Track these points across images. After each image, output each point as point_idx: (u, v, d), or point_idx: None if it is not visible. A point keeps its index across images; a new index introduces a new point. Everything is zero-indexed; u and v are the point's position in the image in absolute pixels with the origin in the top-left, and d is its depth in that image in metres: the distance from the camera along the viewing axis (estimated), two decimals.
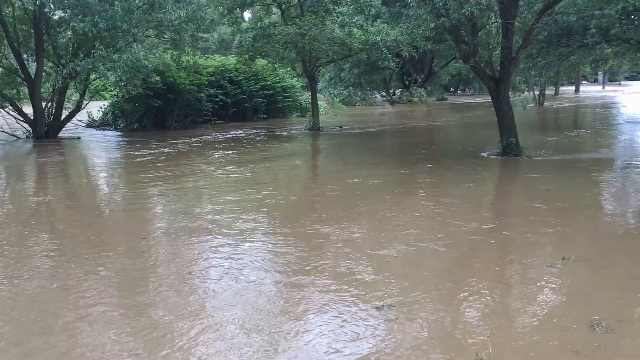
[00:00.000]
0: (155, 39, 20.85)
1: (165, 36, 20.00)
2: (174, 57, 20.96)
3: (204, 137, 18.87)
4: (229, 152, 15.53)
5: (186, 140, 18.00)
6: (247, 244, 6.47)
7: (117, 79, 18.70)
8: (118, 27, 15.95)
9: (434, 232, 6.83)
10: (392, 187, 10.10)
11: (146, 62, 17.53)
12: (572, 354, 3.84)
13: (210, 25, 21.21)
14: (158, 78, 19.89)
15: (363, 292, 4.90)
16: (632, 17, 17.55)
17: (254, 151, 15.66)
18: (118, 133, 21.34)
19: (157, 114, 22.11)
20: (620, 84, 73.28)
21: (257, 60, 22.32)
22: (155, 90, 20.53)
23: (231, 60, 25.80)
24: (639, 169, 11.92)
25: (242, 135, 19.81)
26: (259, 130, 21.28)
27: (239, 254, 6.09)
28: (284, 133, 20.84)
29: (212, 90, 23.54)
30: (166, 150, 15.66)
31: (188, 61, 21.73)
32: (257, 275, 5.40)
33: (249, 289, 5.06)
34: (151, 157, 14.27)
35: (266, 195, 9.36)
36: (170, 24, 17.93)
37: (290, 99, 28.20)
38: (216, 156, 14.78)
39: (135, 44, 17.47)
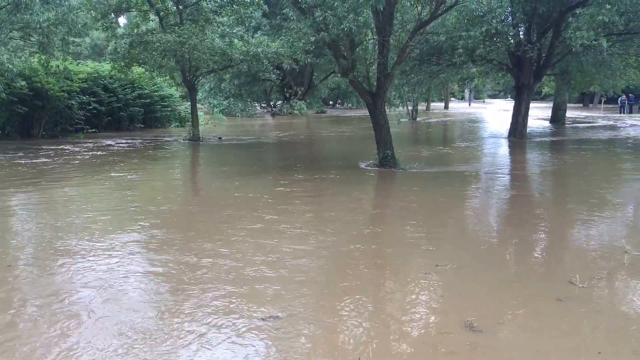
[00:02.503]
0: (21, 42, 19.50)
1: (32, 39, 18.77)
2: (42, 61, 19.72)
3: (70, 147, 17.84)
4: (99, 163, 14.78)
5: (47, 151, 16.93)
6: (122, 260, 6.19)
7: None
8: None
9: (314, 243, 6.92)
10: (272, 199, 10.11)
11: (10, 66, 16.37)
12: (449, 353, 4.04)
13: (83, 30, 20.13)
14: (24, 83, 18.60)
15: (246, 305, 4.85)
16: (495, 39, 19.04)
17: (128, 162, 15.04)
18: None
19: (23, 121, 20.64)
20: (484, 102, 78.75)
21: (133, 67, 21.53)
22: (20, 96, 19.17)
23: (105, 66, 24.71)
24: (503, 181, 12.86)
25: (115, 145, 18.98)
26: (135, 140, 20.51)
27: (113, 269, 5.81)
28: (162, 143, 20.24)
29: (84, 97, 22.48)
30: (23, 161, 14.58)
31: (58, 66, 20.52)
32: (135, 291, 5.18)
33: (126, 306, 4.83)
34: None
35: (141, 210, 9.02)
36: (38, 26, 16.86)
37: (168, 109, 27.53)
38: (84, 167, 14.01)
39: None
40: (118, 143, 19.43)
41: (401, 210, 9.21)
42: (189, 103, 22.13)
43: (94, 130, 22.79)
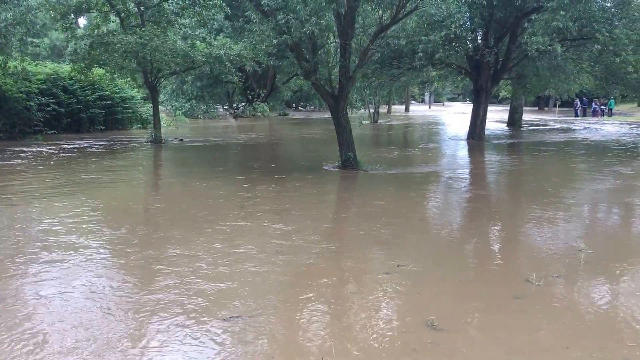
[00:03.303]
0: None
1: None
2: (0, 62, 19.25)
3: (29, 149, 17.46)
4: (56, 165, 14.50)
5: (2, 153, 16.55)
6: (84, 265, 6.13)
7: None
8: None
9: (276, 245, 6.96)
10: (234, 201, 10.11)
11: None
12: (410, 351, 4.15)
13: (42, 30, 19.74)
14: None
15: (208, 306, 4.89)
16: (454, 43, 19.44)
17: (87, 164, 14.79)
18: None
19: None
20: (444, 104, 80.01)
21: (94, 69, 21.19)
22: None
23: (65, 68, 24.25)
24: (462, 182, 13.14)
25: (75, 147, 18.63)
26: (95, 142, 20.17)
27: (75, 276, 5.75)
28: (124, 145, 19.96)
29: (43, 99, 22.00)
30: None
31: (16, 67, 20.04)
32: (94, 291, 5.15)
33: (90, 310, 4.81)
34: None
35: (102, 214, 8.93)
36: None
37: (130, 110, 27.16)
38: (40, 170, 13.72)
39: None
40: (77, 145, 19.07)
41: (363, 211, 9.33)
42: (151, 105, 21.87)
43: (53, 132, 22.33)
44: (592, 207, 10.02)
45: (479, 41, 21.27)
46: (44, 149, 17.57)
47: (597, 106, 45.96)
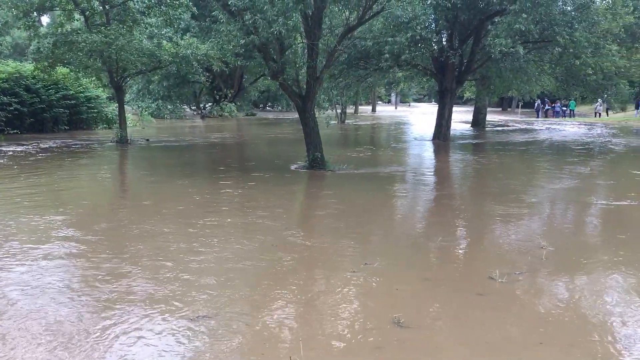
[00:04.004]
0: None
1: None
2: None
3: None
4: (18, 166, 14.24)
5: None
6: (49, 267, 6.06)
7: None
8: None
9: (243, 244, 6.99)
10: (200, 200, 10.08)
11: None
12: (376, 349, 4.23)
13: (3, 28, 19.30)
14: None
15: (176, 306, 4.89)
16: (419, 45, 19.68)
17: (50, 165, 14.56)
18: None
19: None
20: (410, 105, 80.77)
21: (58, 68, 20.81)
22: None
23: (28, 67, 23.73)
24: (428, 181, 13.34)
25: (38, 147, 18.28)
26: (59, 142, 19.82)
27: (38, 278, 5.69)
28: (88, 145, 19.65)
29: (5, 98, 21.56)
30: None
31: None
32: (58, 293, 5.11)
33: (55, 313, 4.77)
34: None
35: (67, 217, 8.82)
36: None
37: (95, 110, 26.73)
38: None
39: None
40: (42, 145, 18.71)
41: (330, 210, 9.41)
42: (117, 105, 21.58)
43: (15, 131, 21.91)
44: (553, 206, 10.30)
45: (444, 43, 21.59)
46: (4, 149, 17.19)
47: (558, 107, 47.05)
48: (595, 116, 44.02)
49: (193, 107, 45.25)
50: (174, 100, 39.39)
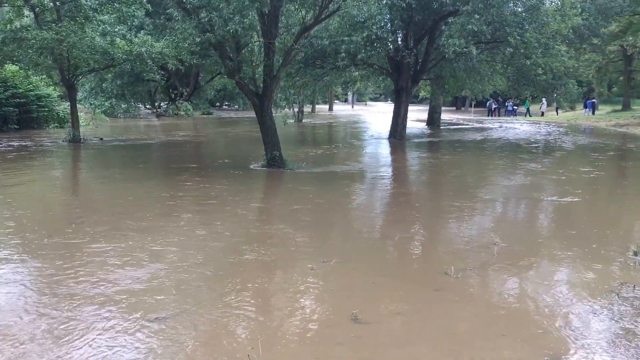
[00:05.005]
0: None
1: None
2: None
3: None
4: None
5: None
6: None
7: None
8: None
9: (200, 244, 6.95)
10: (155, 200, 9.94)
11: None
12: (335, 345, 4.27)
13: None
14: None
15: (132, 308, 4.84)
16: (375, 44, 19.87)
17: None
18: None
19: None
20: (366, 104, 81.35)
21: (6, 65, 20.17)
22: None
23: None
24: (384, 179, 13.49)
25: None
26: (7, 141, 19.22)
27: None
28: (39, 145, 19.12)
29: None
30: None
31: None
32: (13, 295, 4.98)
33: (9, 310, 4.65)
34: None
35: (18, 218, 8.58)
36: None
37: (46, 109, 26.00)
38: None
39: None
40: None
41: (288, 208, 9.42)
42: (68, 103, 21.06)
43: None
44: (506, 202, 10.55)
45: (399, 43, 21.84)
46: None
47: (510, 106, 48.16)
48: (541, 115, 45.20)
49: (148, 106, 44.50)
50: (128, 98, 38.68)
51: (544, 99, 40.79)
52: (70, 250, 6.62)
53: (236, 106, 55.93)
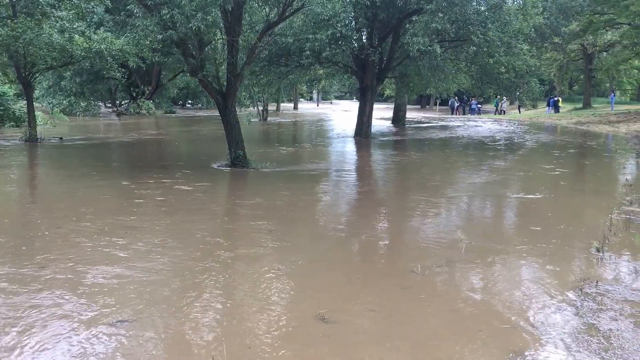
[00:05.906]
0: None
1: None
2: None
3: None
4: None
5: None
6: None
7: None
8: None
9: (163, 245, 6.79)
10: (116, 201, 9.71)
11: None
12: (302, 345, 4.20)
13: None
14: None
15: (94, 312, 4.67)
16: (340, 42, 19.83)
17: None
18: None
19: None
20: (332, 103, 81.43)
21: None
22: None
23: None
24: (350, 178, 13.47)
25: None
26: None
27: None
28: None
29: None
30: None
31: None
32: None
33: None
34: None
35: None
36: None
37: (1, 108, 25.25)
38: None
39: None
40: None
41: (253, 208, 9.29)
42: (25, 102, 20.46)
43: None
44: (471, 200, 10.62)
45: (364, 41, 21.86)
46: None
47: (474, 104, 48.83)
48: (501, 114, 45.92)
49: (108, 105, 43.63)
50: (87, 97, 37.84)
51: (504, 97, 41.43)
52: (23, 254, 6.37)
53: (200, 105, 55.28)
